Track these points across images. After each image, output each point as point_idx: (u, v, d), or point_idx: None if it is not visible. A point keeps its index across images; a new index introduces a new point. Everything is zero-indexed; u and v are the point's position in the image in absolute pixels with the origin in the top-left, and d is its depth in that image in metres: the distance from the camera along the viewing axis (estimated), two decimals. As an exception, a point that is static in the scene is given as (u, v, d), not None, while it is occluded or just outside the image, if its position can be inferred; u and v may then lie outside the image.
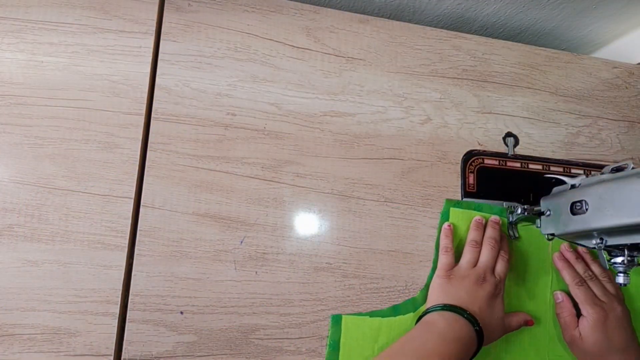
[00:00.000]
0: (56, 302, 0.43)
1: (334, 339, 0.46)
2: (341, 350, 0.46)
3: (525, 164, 0.56)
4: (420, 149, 0.54)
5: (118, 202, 0.45)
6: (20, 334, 0.42)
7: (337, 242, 0.49)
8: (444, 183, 0.53)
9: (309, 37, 0.53)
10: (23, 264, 0.43)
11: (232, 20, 0.52)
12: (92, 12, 0.48)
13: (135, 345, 0.43)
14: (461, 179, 0.54)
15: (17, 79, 0.46)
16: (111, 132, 0.47)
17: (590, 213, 0.39)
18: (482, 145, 0.56)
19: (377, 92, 0.54)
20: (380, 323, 0.47)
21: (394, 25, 0.56)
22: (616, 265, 0.41)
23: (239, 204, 0.48)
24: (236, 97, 0.50)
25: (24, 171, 0.44)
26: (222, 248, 0.47)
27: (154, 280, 0.45)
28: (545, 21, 0.65)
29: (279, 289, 0.47)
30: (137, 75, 0.48)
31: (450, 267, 0.47)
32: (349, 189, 0.51)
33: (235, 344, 0.45)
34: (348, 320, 0.47)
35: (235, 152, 0.49)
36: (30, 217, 0.44)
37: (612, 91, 0.61)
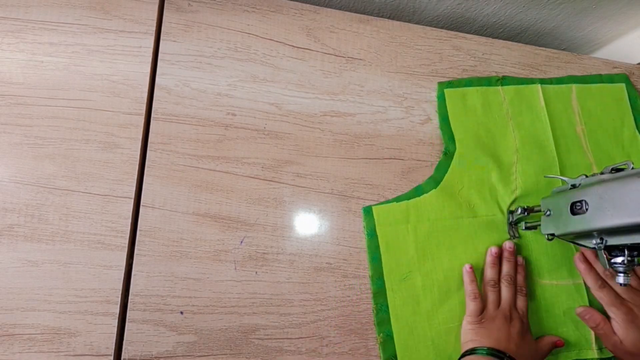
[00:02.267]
0: (56, 302, 0.43)
1: (370, 227, 0.50)
2: (379, 236, 0.50)
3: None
4: (420, 149, 0.54)
5: (118, 202, 0.45)
6: (20, 334, 0.42)
7: (337, 242, 0.49)
8: (444, 183, 0.53)
9: (309, 37, 0.53)
10: (23, 264, 0.43)
11: (232, 20, 0.52)
12: (92, 12, 0.48)
13: (135, 345, 0.43)
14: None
15: (17, 79, 0.46)
16: (111, 132, 0.47)
17: (590, 213, 0.39)
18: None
19: (377, 92, 0.54)
20: (408, 205, 0.51)
21: (394, 25, 0.56)
22: (616, 265, 0.41)
23: (239, 204, 0.48)
24: (236, 97, 0.50)
25: (24, 171, 0.44)
26: (222, 248, 0.47)
27: (154, 280, 0.45)
28: (545, 21, 0.65)
29: (279, 289, 0.47)
30: (137, 75, 0.48)
31: (480, 312, 0.47)
32: (349, 189, 0.51)
33: (235, 344, 0.45)
34: (378, 210, 0.51)
35: (235, 152, 0.49)
36: (30, 217, 0.44)
37: (612, 91, 0.61)
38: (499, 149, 0.55)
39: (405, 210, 0.51)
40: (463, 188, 0.53)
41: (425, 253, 0.50)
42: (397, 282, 0.49)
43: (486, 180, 0.54)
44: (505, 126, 0.56)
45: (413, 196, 0.52)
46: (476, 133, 0.55)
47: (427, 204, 0.52)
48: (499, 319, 0.47)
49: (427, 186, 0.52)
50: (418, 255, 0.50)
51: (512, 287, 0.49)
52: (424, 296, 0.49)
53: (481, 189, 0.53)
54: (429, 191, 0.52)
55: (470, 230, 0.52)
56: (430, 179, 0.53)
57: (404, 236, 0.50)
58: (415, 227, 0.50)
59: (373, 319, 0.48)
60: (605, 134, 0.58)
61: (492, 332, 0.46)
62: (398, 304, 0.48)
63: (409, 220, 0.51)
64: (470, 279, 0.49)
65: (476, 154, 0.54)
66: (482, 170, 0.54)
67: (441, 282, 0.50)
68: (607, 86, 0.60)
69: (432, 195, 0.52)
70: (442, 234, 0.51)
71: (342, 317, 0.48)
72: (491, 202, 0.53)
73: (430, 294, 0.49)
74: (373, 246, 0.50)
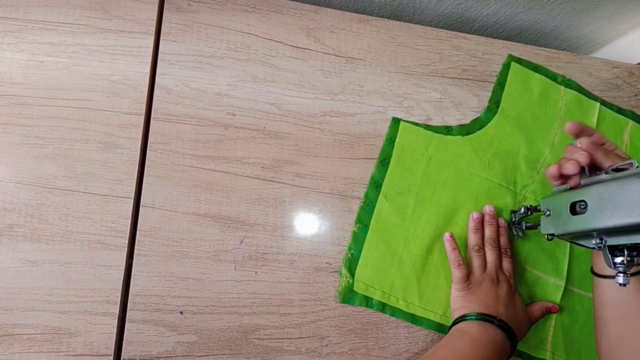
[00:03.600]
0: (56, 302, 0.43)
1: (392, 135, 0.53)
2: (395, 147, 0.52)
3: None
4: (420, 149, 0.53)
5: (118, 202, 0.45)
6: (20, 334, 0.42)
7: (337, 242, 0.49)
8: (444, 183, 0.53)
9: (309, 37, 0.53)
10: (23, 264, 0.43)
11: (232, 20, 0.52)
12: (92, 12, 0.48)
13: (135, 345, 0.43)
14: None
15: (17, 79, 0.46)
16: (111, 132, 0.47)
17: (590, 213, 0.39)
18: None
19: (377, 92, 0.54)
20: (432, 136, 0.53)
21: (394, 25, 0.56)
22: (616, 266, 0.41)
23: (239, 204, 0.48)
24: (236, 97, 0.50)
25: (24, 171, 0.44)
26: (222, 248, 0.47)
27: (154, 280, 0.45)
28: (545, 21, 0.65)
29: (279, 289, 0.47)
30: (137, 75, 0.48)
31: (466, 278, 0.48)
32: (349, 189, 0.51)
33: (235, 344, 0.45)
34: (405, 126, 0.53)
35: (235, 152, 0.49)
36: (30, 217, 0.44)
37: (612, 91, 0.61)
38: (537, 135, 0.56)
39: (428, 139, 0.53)
40: (489, 150, 0.54)
41: (430, 184, 0.52)
42: (393, 193, 0.51)
43: (514, 154, 0.55)
44: (552, 121, 0.57)
45: (440, 132, 0.54)
46: (522, 112, 0.57)
47: (450, 145, 0.54)
48: (486, 283, 0.47)
49: (456, 131, 0.54)
50: (422, 182, 0.52)
51: (496, 250, 0.49)
52: (410, 217, 0.51)
53: (506, 160, 0.54)
54: (456, 135, 0.54)
55: (478, 188, 0.53)
56: (461, 127, 0.54)
57: (416, 160, 0.52)
58: (431, 158, 0.53)
59: (356, 209, 0.50)
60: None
61: (480, 296, 0.46)
62: (384, 211, 0.50)
63: (428, 149, 0.53)
64: (452, 247, 0.49)
65: (514, 128, 0.55)
66: (514, 144, 0.55)
67: (431, 214, 0.51)
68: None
69: (457, 140, 0.54)
70: (451, 178, 0.53)
71: (342, 317, 0.48)
72: (510, 175, 0.54)
73: (417, 219, 0.51)
74: (386, 152, 0.52)
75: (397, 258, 0.49)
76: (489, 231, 0.50)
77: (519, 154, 0.55)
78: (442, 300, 0.49)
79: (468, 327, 0.44)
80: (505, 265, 0.49)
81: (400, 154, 0.52)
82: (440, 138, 0.53)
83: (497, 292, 0.46)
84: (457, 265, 0.48)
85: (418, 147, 0.53)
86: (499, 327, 0.43)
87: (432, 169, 0.52)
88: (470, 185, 0.53)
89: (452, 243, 0.50)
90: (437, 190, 0.52)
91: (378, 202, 0.50)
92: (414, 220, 0.51)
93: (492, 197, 0.53)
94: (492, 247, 0.49)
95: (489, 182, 0.53)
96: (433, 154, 0.53)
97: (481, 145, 0.54)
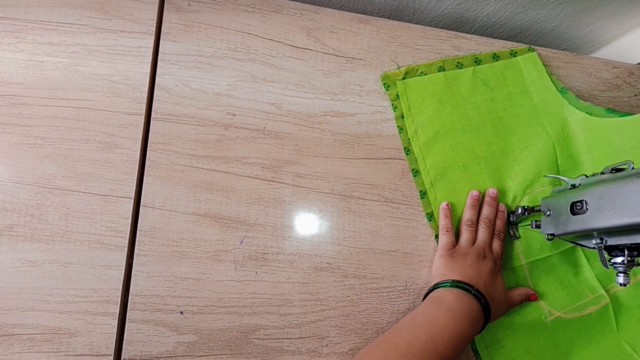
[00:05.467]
0: (56, 302, 0.43)
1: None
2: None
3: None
4: (420, 149, 0.53)
5: (118, 202, 0.45)
6: (20, 334, 0.42)
7: (337, 242, 0.49)
8: (444, 183, 0.53)
9: (309, 37, 0.53)
10: (23, 264, 0.43)
11: (232, 20, 0.52)
12: (92, 12, 0.48)
13: (135, 345, 0.43)
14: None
15: (17, 79, 0.46)
16: (111, 132, 0.47)
17: (590, 213, 0.39)
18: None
19: (377, 92, 0.54)
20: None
21: (394, 25, 0.56)
22: (616, 266, 0.41)
23: (239, 204, 0.48)
24: (236, 97, 0.50)
25: (24, 171, 0.44)
26: (222, 248, 0.47)
27: (154, 280, 0.45)
28: (545, 21, 0.65)
29: (279, 289, 0.47)
30: (137, 75, 0.48)
31: (452, 246, 0.48)
32: (349, 189, 0.51)
33: (235, 344, 0.45)
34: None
35: (235, 152, 0.49)
36: (30, 217, 0.44)
37: (612, 91, 0.61)
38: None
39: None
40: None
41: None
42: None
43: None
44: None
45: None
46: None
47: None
48: (470, 256, 0.47)
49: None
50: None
51: (490, 229, 0.49)
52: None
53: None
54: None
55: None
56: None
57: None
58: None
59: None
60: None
61: (463, 266, 0.46)
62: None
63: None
64: (444, 214, 0.50)
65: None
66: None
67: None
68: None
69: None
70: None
71: (342, 317, 0.48)
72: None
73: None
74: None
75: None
76: (487, 211, 0.50)
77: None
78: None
79: (444, 295, 0.43)
80: (496, 246, 0.49)
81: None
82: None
83: (480, 267, 0.46)
84: (445, 231, 0.48)
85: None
86: (475, 298, 0.43)
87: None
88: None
89: (447, 211, 0.50)
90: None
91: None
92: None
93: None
94: (486, 225, 0.49)
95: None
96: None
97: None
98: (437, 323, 0.40)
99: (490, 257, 0.47)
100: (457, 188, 0.52)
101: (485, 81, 0.55)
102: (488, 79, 0.55)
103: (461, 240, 0.49)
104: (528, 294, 0.49)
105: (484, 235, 0.49)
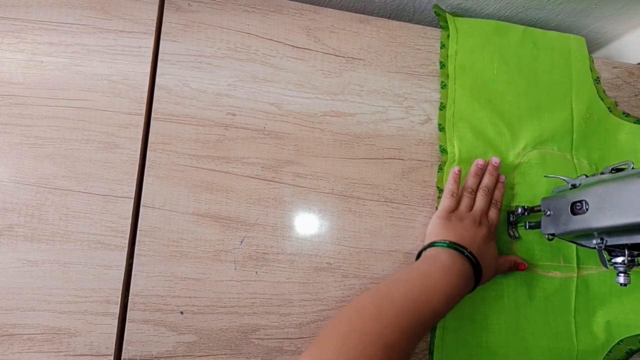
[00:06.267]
0: (56, 302, 0.43)
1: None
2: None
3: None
4: (420, 149, 0.54)
5: (118, 202, 0.45)
6: (20, 334, 0.42)
7: (337, 242, 0.49)
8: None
9: (309, 37, 0.53)
10: (23, 264, 0.43)
11: (232, 20, 0.52)
12: (92, 12, 0.48)
13: (135, 345, 0.43)
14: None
15: (17, 79, 0.46)
16: (111, 132, 0.47)
17: (590, 213, 0.39)
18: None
19: (377, 92, 0.54)
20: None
21: (394, 25, 0.56)
22: (616, 266, 0.41)
23: (239, 204, 0.48)
24: (236, 97, 0.50)
25: (24, 171, 0.44)
26: (222, 248, 0.47)
27: (154, 280, 0.45)
28: (545, 21, 0.65)
29: (279, 289, 0.47)
30: (137, 75, 0.48)
31: (453, 210, 0.49)
32: (349, 189, 0.51)
33: (235, 344, 0.45)
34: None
35: (235, 152, 0.49)
36: (30, 217, 0.44)
37: (612, 91, 0.61)
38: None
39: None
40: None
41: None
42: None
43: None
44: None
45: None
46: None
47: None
48: (467, 221, 0.48)
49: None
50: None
51: (487, 197, 0.50)
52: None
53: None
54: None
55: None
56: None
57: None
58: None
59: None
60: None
61: (458, 229, 0.46)
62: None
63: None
64: (453, 179, 0.51)
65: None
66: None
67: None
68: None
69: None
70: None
71: (342, 317, 0.48)
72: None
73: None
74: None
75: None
76: (487, 179, 0.51)
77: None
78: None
79: (439, 253, 0.44)
80: (492, 214, 0.50)
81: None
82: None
83: (475, 232, 0.47)
84: (449, 195, 0.49)
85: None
86: (468, 260, 0.44)
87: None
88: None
89: (456, 177, 0.51)
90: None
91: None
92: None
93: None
94: (484, 193, 0.50)
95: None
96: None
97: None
98: (431, 278, 0.41)
99: (485, 224, 0.48)
100: (479, 125, 0.54)
101: (534, 41, 0.59)
102: (537, 40, 0.59)
103: (460, 205, 0.50)
104: (517, 262, 0.50)
105: (481, 202, 0.50)
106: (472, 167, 0.52)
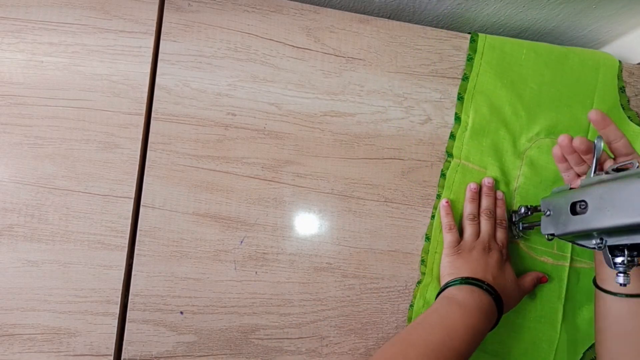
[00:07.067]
0: (56, 302, 0.43)
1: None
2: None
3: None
4: (420, 149, 0.54)
5: (118, 202, 0.45)
6: (20, 334, 0.42)
7: (337, 242, 0.49)
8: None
9: (309, 37, 0.53)
10: (23, 264, 0.43)
11: (232, 20, 0.52)
12: (92, 12, 0.48)
13: (135, 345, 0.43)
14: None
15: (17, 79, 0.46)
16: (111, 132, 0.47)
17: (590, 213, 0.39)
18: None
19: (377, 92, 0.54)
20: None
21: (394, 25, 0.56)
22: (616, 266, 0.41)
23: (239, 204, 0.48)
24: (236, 97, 0.50)
25: (24, 171, 0.44)
26: (222, 248, 0.47)
27: (154, 280, 0.45)
28: (545, 21, 0.65)
29: (279, 289, 0.47)
30: (137, 75, 0.48)
31: (457, 243, 0.48)
32: (349, 189, 0.51)
33: (235, 344, 0.45)
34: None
35: (235, 152, 0.49)
36: (30, 217, 0.44)
37: (612, 91, 0.61)
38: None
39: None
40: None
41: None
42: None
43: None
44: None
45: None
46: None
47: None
48: (476, 250, 0.47)
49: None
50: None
51: (491, 220, 0.49)
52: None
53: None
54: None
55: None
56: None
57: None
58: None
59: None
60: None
61: (469, 262, 0.46)
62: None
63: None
64: (445, 212, 0.50)
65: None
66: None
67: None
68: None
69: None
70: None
71: (342, 317, 0.48)
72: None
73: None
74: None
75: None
76: (486, 202, 0.50)
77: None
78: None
79: (455, 293, 0.43)
80: (499, 235, 0.49)
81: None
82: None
83: (487, 260, 0.46)
84: (448, 229, 0.48)
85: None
86: (487, 292, 0.43)
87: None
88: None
89: (447, 209, 0.50)
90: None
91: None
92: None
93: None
94: (487, 216, 0.49)
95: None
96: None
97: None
98: (450, 319, 0.40)
99: (495, 248, 0.48)
100: (497, 102, 0.54)
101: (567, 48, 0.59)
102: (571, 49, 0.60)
103: (465, 236, 0.49)
104: (538, 277, 0.50)
105: (486, 227, 0.49)
106: (467, 193, 0.51)
